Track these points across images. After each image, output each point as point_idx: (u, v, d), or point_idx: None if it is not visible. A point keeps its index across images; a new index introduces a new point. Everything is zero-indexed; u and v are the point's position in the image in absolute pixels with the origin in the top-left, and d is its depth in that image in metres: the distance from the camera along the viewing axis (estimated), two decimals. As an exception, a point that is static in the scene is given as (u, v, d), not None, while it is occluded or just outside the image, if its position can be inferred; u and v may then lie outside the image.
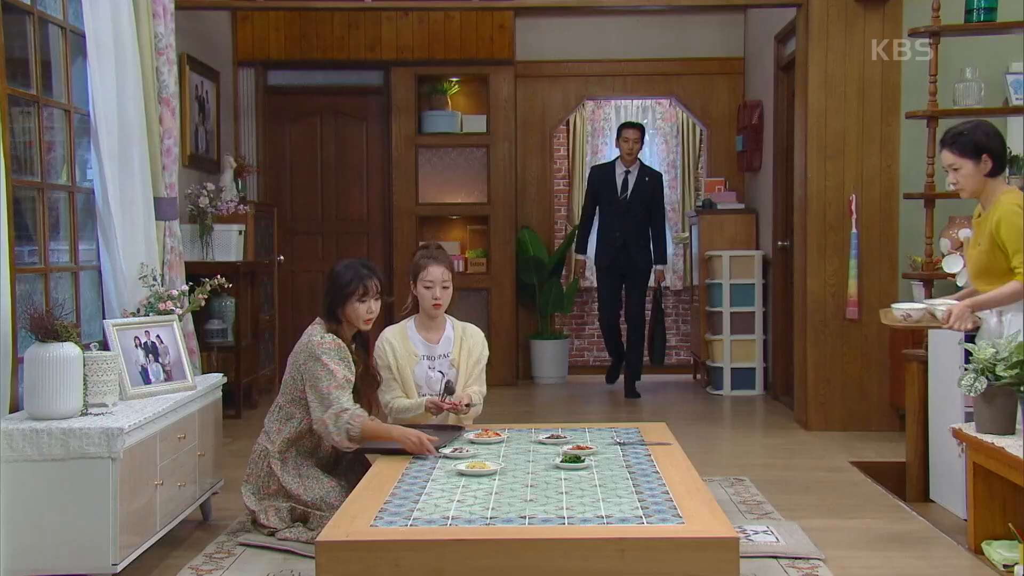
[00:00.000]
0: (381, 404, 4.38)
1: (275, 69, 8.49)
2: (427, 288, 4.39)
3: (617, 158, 7.84)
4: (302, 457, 4.10)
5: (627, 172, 7.74)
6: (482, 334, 4.59)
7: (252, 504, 4.06)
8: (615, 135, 8.02)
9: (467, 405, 4.35)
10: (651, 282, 7.97)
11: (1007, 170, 5.31)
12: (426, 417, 4.31)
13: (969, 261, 4.20)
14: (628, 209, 7.66)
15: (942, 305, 4.08)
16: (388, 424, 4.02)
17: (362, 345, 4.22)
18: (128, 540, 3.49)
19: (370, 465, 4.04)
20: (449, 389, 4.28)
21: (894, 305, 4.30)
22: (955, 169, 4.05)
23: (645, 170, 7.81)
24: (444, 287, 4.41)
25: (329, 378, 3.92)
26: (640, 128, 7.85)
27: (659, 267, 7.85)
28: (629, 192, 7.68)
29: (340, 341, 4.04)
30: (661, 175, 7.99)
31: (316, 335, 4.03)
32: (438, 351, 4.46)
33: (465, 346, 4.49)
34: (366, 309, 4.07)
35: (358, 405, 3.97)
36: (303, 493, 4.00)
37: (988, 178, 4.02)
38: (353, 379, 4.02)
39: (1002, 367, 3.69)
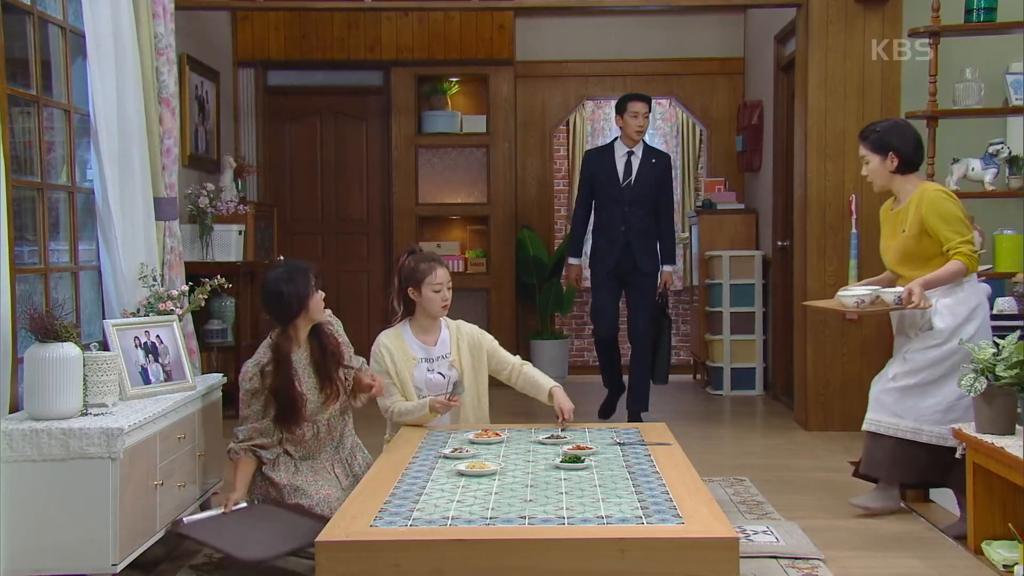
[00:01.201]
0: (381, 409, 4.38)
1: (275, 69, 8.49)
2: (436, 292, 4.39)
3: (616, 138, 6.57)
4: (288, 457, 4.09)
5: (630, 153, 6.45)
6: (474, 325, 4.59)
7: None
8: (616, 112, 6.58)
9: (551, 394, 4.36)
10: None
11: (989, 169, 5.38)
12: (430, 418, 4.31)
13: (888, 250, 4.42)
14: (633, 199, 6.41)
15: (889, 289, 4.24)
16: (241, 477, 3.98)
17: (316, 337, 4.15)
18: (128, 540, 3.48)
19: (356, 464, 4.16)
20: (457, 389, 4.27)
21: (840, 293, 4.45)
22: (866, 163, 4.37)
23: (651, 152, 6.55)
24: (448, 288, 4.42)
25: (241, 408, 4.06)
26: (649, 101, 6.52)
27: (667, 268, 6.57)
28: (633, 177, 6.41)
29: (252, 370, 4.02)
30: (670, 157, 6.73)
31: (247, 362, 4.08)
32: (436, 353, 4.45)
33: (464, 344, 4.48)
34: (321, 298, 4.09)
35: (248, 435, 4.00)
36: (300, 486, 4.00)
37: (896, 174, 4.31)
38: (260, 406, 4.02)
39: (1002, 367, 3.70)
